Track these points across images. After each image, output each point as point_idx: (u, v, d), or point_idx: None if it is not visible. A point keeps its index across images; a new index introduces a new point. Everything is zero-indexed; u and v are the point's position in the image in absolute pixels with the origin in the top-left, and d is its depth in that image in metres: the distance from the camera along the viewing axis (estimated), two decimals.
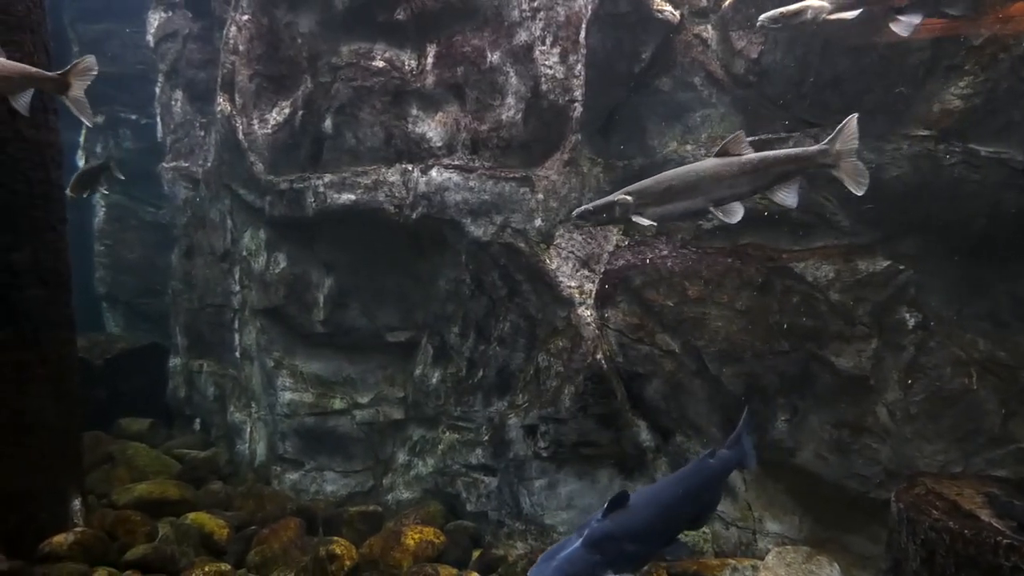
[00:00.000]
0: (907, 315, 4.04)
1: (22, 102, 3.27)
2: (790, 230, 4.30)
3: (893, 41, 3.84)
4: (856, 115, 3.14)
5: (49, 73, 3.37)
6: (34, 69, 3.35)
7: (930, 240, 4.01)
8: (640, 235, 4.72)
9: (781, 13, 3.24)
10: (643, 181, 3.46)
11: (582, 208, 3.29)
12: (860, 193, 3.20)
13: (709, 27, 4.52)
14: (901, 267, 4.05)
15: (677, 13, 4.57)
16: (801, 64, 4.13)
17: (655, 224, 3.22)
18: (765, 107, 4.35)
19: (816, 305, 4.14)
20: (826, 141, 3.19)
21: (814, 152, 3.18)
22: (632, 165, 4.77)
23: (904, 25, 3.21)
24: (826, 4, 3.19)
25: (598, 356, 4.50)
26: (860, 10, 3.18)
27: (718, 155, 3.23)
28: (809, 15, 3.18)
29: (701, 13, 4.56)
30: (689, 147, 4.59)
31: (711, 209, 3.19)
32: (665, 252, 4.55)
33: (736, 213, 3.21)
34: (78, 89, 3.35)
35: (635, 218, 3.16)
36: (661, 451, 4.52)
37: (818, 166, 3.23)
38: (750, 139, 4.33)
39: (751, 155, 3.21)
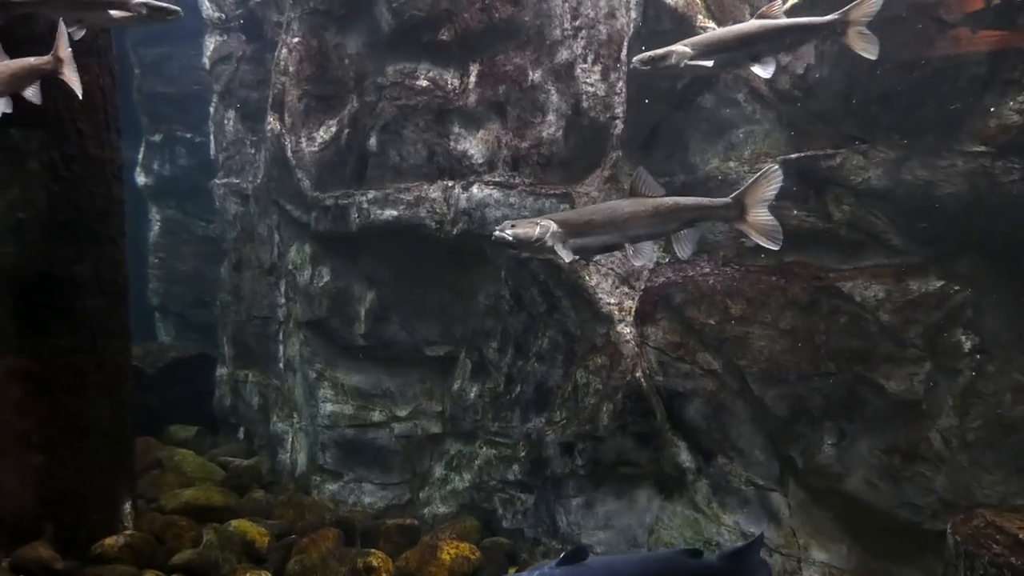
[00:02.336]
0: (963, 338, 3.88)
1: (34, 92, 3.50)
2: (838, 248, 4.19)
3: (947, 55, 3.74)
4: (775, 168, 3.24)
5: (45, 57, 3.57)
6: (34, 60, 3.55)
7: (987, 260, 3.85)
8: None
9: (651, 56, 3.50)
10: (566, 212, 3.60)
11: (505, 224, 3.43)
12: (774, 248, 3.29)
13: None
14: (956, 287, 3.90)
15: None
16: (849, 79, 4.05)
17: (575, 257, 3.35)
18: (811, 123, 4.28)
19: (865, 326, 4.01)
20: (734, 194, 3.29)
21: (720, 204, 3.32)
22: (674, 182, 4.72)
23: (763, 69, 3.46)
24: (688, 50, 3.45)
25: (637, 374, 4.45)
26: (713, 61, 3.50)
27: (631, 195, 3.43)
28: (673, 59, 3.44)
29: None
30: (732, 164, 4.54)
31: (625, 246, 3.36)
32: (707, 270, 4.49)
33: (646, 255, 3.36)
34: (69, 67, 3.54)
35: (556, 247, 3.28)
36: (702, 473, 4.42)
37: (723, 218, 3.39)
38: (796, 155, 4.30)
39: (665, 199, 3.38)
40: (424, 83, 5.02)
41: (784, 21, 3.52)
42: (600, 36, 4.64)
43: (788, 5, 4.03)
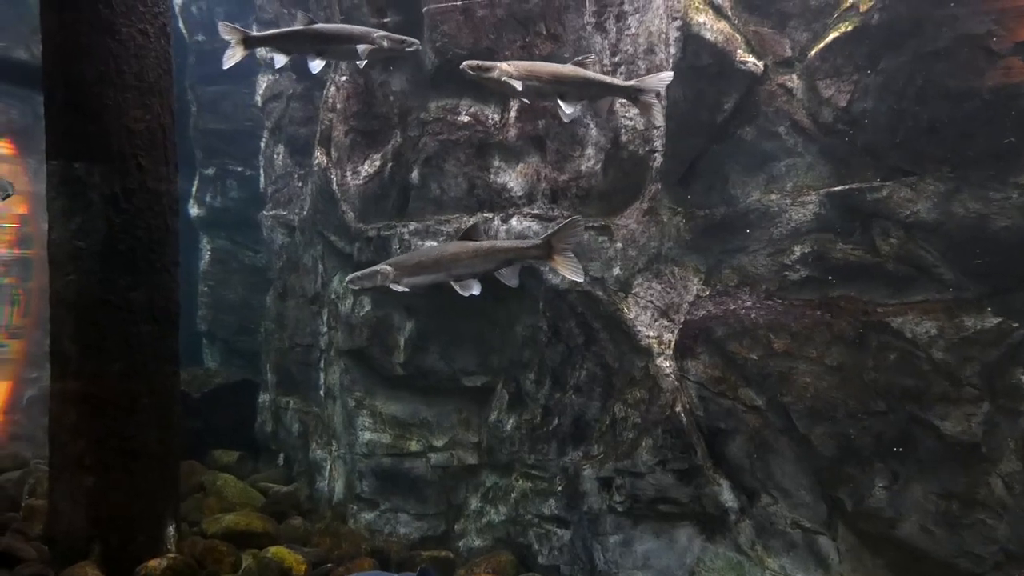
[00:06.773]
0: (1023, 378, 3.70)
1: None
2: (886, 283, 4.08)
3: (998, 85, 3.66)
4: (576, 218, 3.92)
5: None
6: None
7: None
8: (722, 285, 4.61)
9: (477, 65, 4.02)
10: (400, 256, 4.29)
11: (352, 275, 4.02)
12: (578, 280, 4.07)
13: (794, 76, 4.46)
14: (1015, 324, 3.74)
15: (761, 64, 4.54)
16: (895, 111, 3.99)
17: (407, 290, 3.99)
18: (856, 156, 4.21)
19: (917, 364, 3.87)
20: (543, 237, 3.87)
21: (530, 246, 3.93)
22: (714, 215, 4.69)
23: (566, 108, 3.99)
24: (511, 70, 3.95)
25: (677, 409, 4.37)
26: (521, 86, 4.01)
27: (461, 239, 3.97)
28: (496, 74, 3.95)
29: (786, 63, 4.51)
30: (774, 196, 4.48)
31: (452, 283, 3.88)
32: (749, 303, 4.42)
33: (470, 288, 3.90)
34: None
35: (392, 285, 3.92)
36: (745, 513, 4.28)
37: (534, 257, 3.99)
38: (840, 188, 4.23)
39: (483, 243, 4.03)
40: (465, 118, 5.14)
41: (590, 74, 4.13)
42: (639, 71, 4.68)
43: (824, 44, 4.11)
